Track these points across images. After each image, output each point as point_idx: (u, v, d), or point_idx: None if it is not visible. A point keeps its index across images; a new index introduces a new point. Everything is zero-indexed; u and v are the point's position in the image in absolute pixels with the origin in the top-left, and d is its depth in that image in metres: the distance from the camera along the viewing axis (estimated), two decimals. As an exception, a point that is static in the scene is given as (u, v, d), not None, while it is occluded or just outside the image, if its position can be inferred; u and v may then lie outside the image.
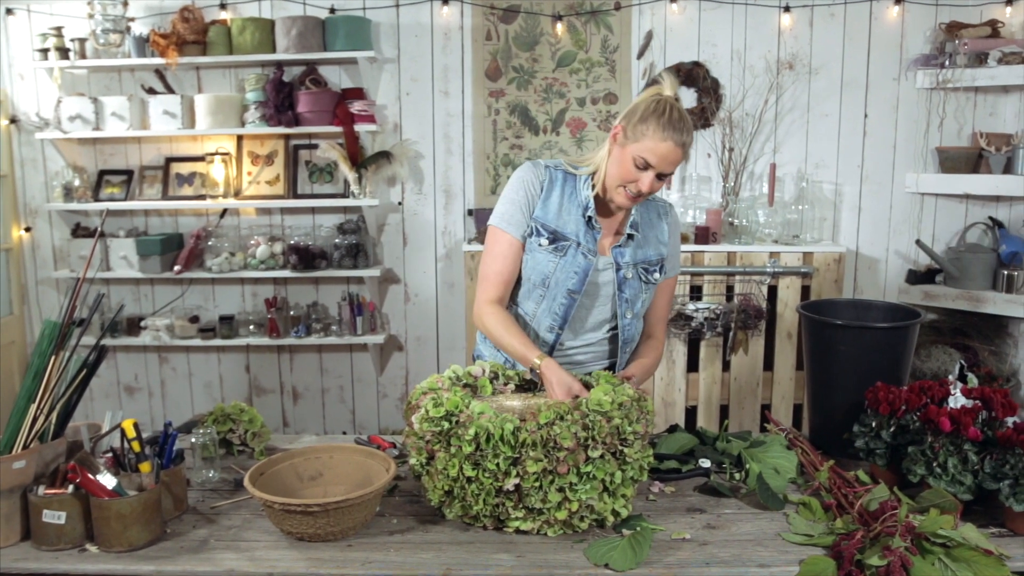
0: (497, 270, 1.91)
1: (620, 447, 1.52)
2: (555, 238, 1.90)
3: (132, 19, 3.76)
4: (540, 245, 1.90)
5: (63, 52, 3.72)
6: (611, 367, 2.03)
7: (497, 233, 1.92)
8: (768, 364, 3.67)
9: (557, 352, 1.96)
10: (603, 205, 1.93)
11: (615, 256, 1.93)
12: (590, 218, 1.90)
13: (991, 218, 3.73)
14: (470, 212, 3.90)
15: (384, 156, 3.78)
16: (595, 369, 1.92)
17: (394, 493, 1.74)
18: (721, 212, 3.68)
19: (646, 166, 1.80)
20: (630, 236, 1.94)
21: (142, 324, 3.91)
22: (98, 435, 1.68)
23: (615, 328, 1.98)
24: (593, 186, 1.91)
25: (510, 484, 1.48)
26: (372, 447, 1.83)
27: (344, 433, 4.13)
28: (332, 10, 3.77)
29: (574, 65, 3.82)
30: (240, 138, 3.91)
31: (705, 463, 1.83)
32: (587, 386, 1.70)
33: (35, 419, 1.53)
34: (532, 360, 1.76)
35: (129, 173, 3.96)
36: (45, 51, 3.72)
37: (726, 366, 3.67)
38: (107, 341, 3.82)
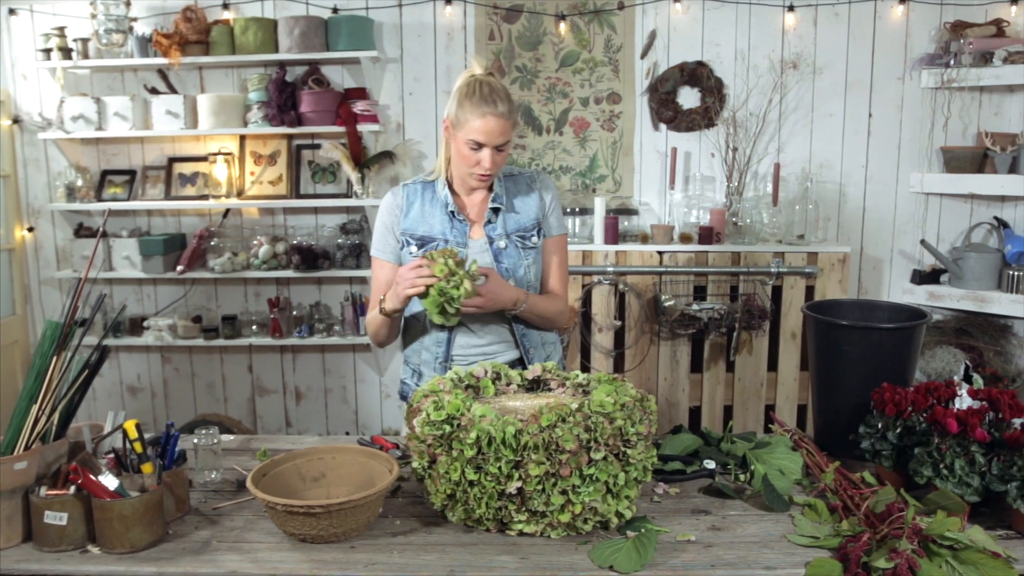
0: (377, 292, 2.05)
1: (623, 448, 1.51)
2: (423, 242, 2.03)
3: (135, 19, 3.76)
4: (411, 253, 2.02)
5: (66, 52, 3.72)
6: (521, 351, 2.10)
7: (374, 262, 2.09)
8: (772, 365, 3.66)
9: (459, 347, 2.05)
10: (464, 198, 2.06)
11: (487, 232, 2.04)
12: (452, 212, 2.02)
13: (996, 218, 3.72)
14: (473, 212, 3.89)
15: (387, 156, 3.78)
16: (508, 357, 2.06)
17: (397, 494, 1.73)
18: (725, 212, 3.66)
19: (479, 146, 1.91)
20: (495, 210, 2.04)
21: (145, 324, 3.91)
22: (100, 436, 1.67)
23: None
24: (449, 184, 2.05)
25: (512, 487, 1.47)
26: (375, 448, 1.83)
27: (347, 433, 4.13)
28: (335, 10, 3.76)
29: (577, 65, 3.81)
30: (243, 138, 3.91)
31: (710, 464, 1.82)
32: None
33: (37, 420, 1.52)
34: (381, 305, 1.95)
35: (132, 173, 3.96)
36: (48, 51, 3.72)
37: (730, 366, 3.66)
38: (110, 341, 3.82)
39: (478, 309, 1.90)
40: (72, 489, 1.49)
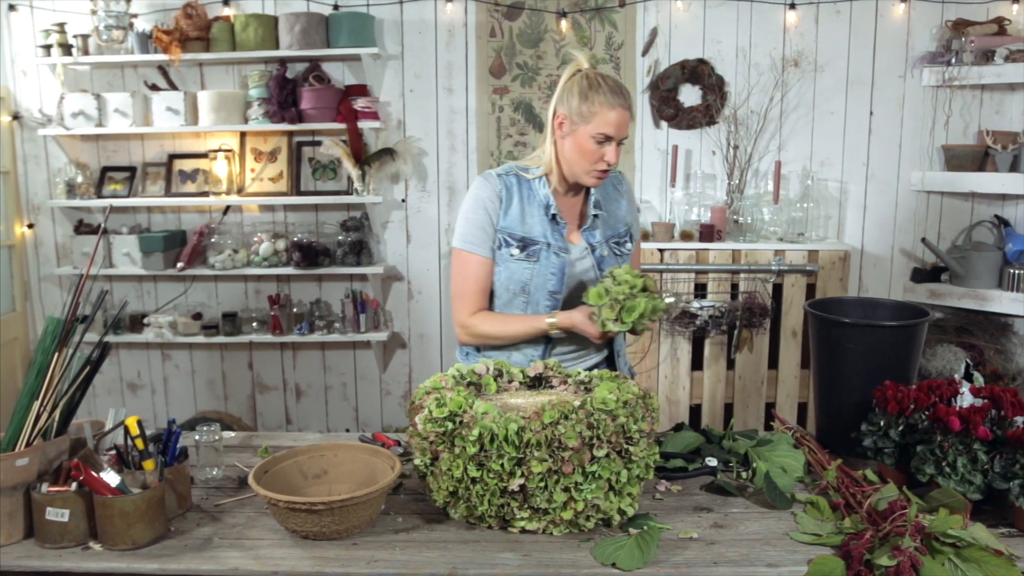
0: (471, 288, 1.95)
1: (626, 446, 1.50)
2: (525, 244, 1.92)
3: (135, 15, 3.75)
4: (512, 255, 1.92)
5: (66, 48, 3.71)
6: (610, 352, 2.10)
7: (464, 255, 1.95)
8: (773, 362, 3.66)
9: (555, 353, 2.01)
10: (560, 198, 1.97)
11: (587, 239, 1.98)
12: (554, 215, 1.94)
13: (997, 216, 3.72)
14: (474, 209, 3.89)
15: (387, 153, 3.77)
16: (595, 358, 2.04)
17: (399, 491, 1.73)
18: (726, 210, 3.66)
19: (606, 139, 1.85)
20: (595, 216, 1.99)
21: (145, 321, 3.90)
22: (102, 432, 1.67)
23: None
24: (549, 182, 1.95)
25: (515, 484, 1.47)
26: (376, 445, 1.82)
27: (347, 431, 4.13)
28: (336, 6, 3.76)
29: (578, 62, 3.80)
30: (243, 135, 3.90)
31: (712, 462, 1.82)
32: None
33: (38, 416, 1.52)
34: (543, 326, 1.88)
35: (132, 170, 3.96)
36: (48, 47, 3.71)
37: (731, 364, 3.66)
38: (110, 338, 3.81)
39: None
40: (74, 486, 1.49)
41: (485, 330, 1.95)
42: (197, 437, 1.80)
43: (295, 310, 3.92)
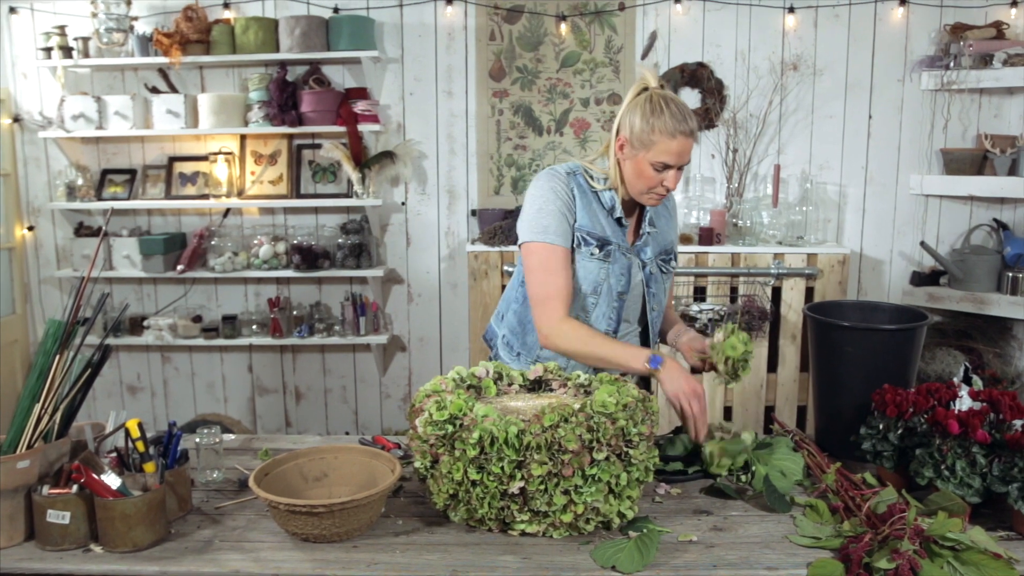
0: (560, 285, 1.83)
1: (625, 449, 1.51)
2: (602, 244, 1.88)
3: (136, 18, 3.76)
4: (592, 255, 1.87)
5: (66, 51, 3.72)
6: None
7: (546, 248, 1.84)
8: (772, 366, 3.66)
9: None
10: (624, 204, 1.93)
11: (640, 255, 1.95)
12: (619, 219, 1.91)
13: (996, 220, 3.73)
14: (473, 212, 3.90)
15: (387, 156, 3.78)
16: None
17: (399, 494, 1.73)
18: (725, 213, 3.67)
19: (665, 168, 1.81)
20: (648, 234, 1.96)
21: (145, 324, 3.90)
22: (102, 435, 1.68)
23: (642, 326, 2.02)
24: (614, 190, 1.90)
25: (515, 487, 1.47)
26: (376, 448, 1.83)
27: (347, 433, 4.13)
28: (336, 9, 3.77)
29: (578, 65, 3.81)
30: (243, 137, 3.91)
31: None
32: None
33: (39, 419, 1.52)
34: (645, 362, 1.74)
35: (132, 172, 3.96)
36: (48, 50, 3.71)
37: (730, 367, 3.66)
38: (110, 340, 3.81)
39: None
40: (74, 488, 1.49)
41: (572, 341, 1.82)
42: (197, 440, 1.80)
43: (295, 313, 3.92)
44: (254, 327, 3.91)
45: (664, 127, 1.76)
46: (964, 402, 1.72)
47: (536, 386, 1.81)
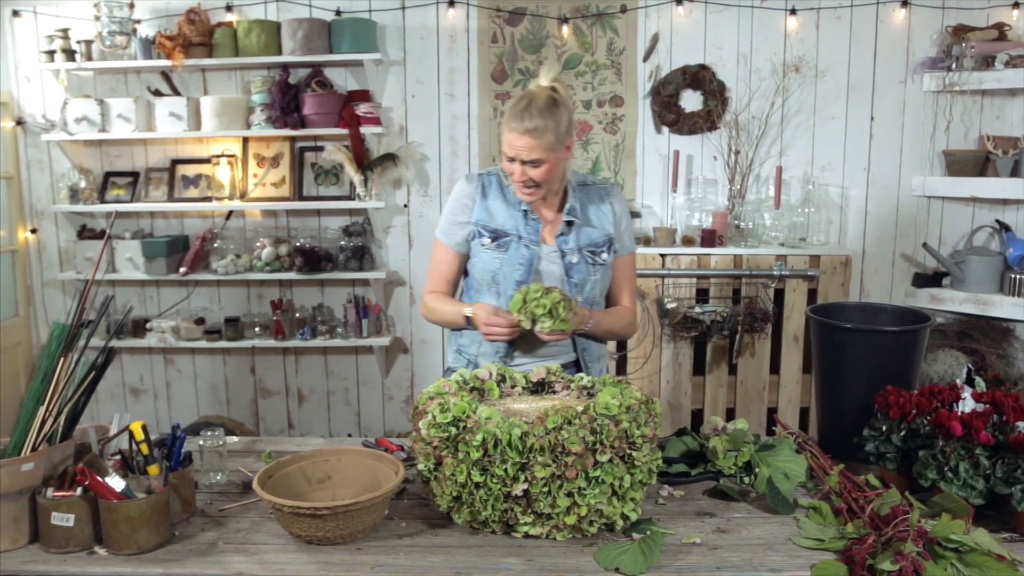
0: (437, 271, 2.12)
1: (628, 451, 1.51)
2: (496, 236, 2.02)
3: (138, 21, 3.77)
4: (483, 245, 2.03)
5: (69, 54, 3.72)
6: (577, 354, 2.13)
7: (437, 244, 2.12)
8: (775, 367, 3.66)
9: (521, 347, 2.07)
10: (538, 202, 2.04)
11: (559, 244, 2.03)
12: (526, 211, 2.02)
13: (998, 221, 3.73)
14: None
15: (390, 158, 3.78)
16: (564, 359, 2.08)
17: (403, 496, 1.73)
18: (727, 215, 3.67)
19: (512, 159, 1.93)
20: (569, 223, 2.03)
21: (148, 326, 3.91)
22: (107, 437, 1.68)
23: None
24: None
25: (518, 489, 1.47)
26: (380, 450, 1.83)
27: (349, 435, 4.13)
28: (338, 12, 3.77)
29: (580, 68, 3.81)
30: (246, 140, 3.91)
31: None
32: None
33: (44, 421, 1.53)
34: (464, 312, 2.00)
35: (135, 175, 3.97)
36: (51, 53, 3.72)
37: (732, 369, 3.66)
38: (113, 343, 3.81)
39: (561, 337, 1.93)
40: (79, 490, 1.49)
41: (429, 305, 2.12)
42: (201, 442, 1.80)
43: (297, 315, 3.93)
44: (257, 329, 3.91)
45: (506, 121, 1.91)
46: (967, 404, 1.73)
47: (539, 388, 1.81)
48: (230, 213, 3.99)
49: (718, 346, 3.63)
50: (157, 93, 3.87)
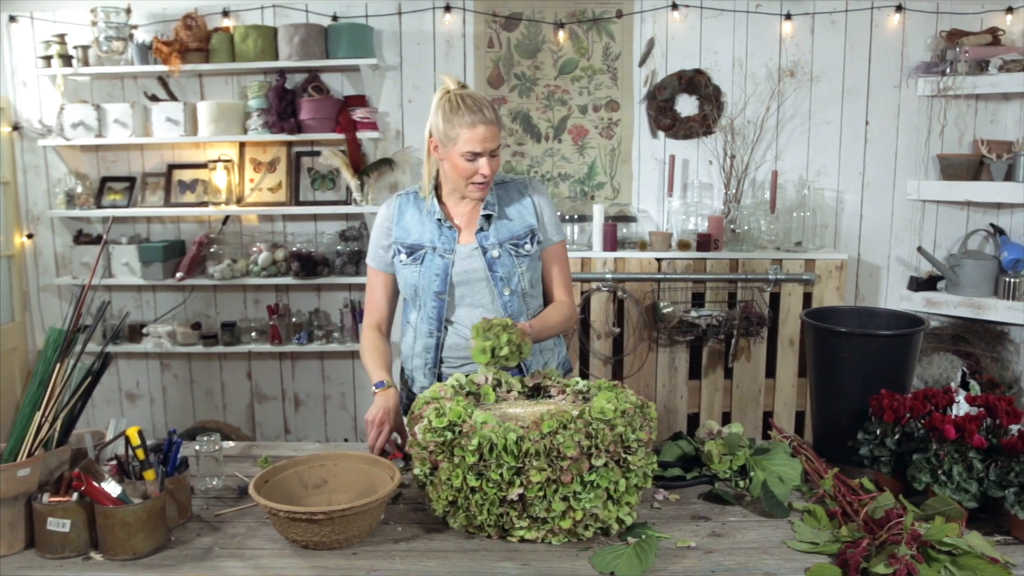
0: (370, 300, 2.17)
1: (624, 455, 1.51)
2: (412, 250, 2.06)
3: (135, 26, 3.77)
4: (402, 261, 2.08)
5: (66, 59, 3.73)
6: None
7: (368, 271, 2.17)
8: (770, 371, 3.67)
9: (449, 351, 2.09)
10: (454, 207, 2.09)
11: (479, 240, 2.06)
12: (439, 219, 2.06)
13: (992, 225, 3.74)
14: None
15: (386, 163, 3.79)
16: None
17: (399, 501, 1.74)
18: (723, 219, 3.68)
19: (475, 156, 1.95)
20: (487, 217, 2.06)
21: (144, 331, 3.91)
22: (103, 443, 1.68)
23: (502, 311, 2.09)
24: (437, 197, 2.08)
25: (514, 494, 1.48)
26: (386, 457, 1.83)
27: (346, 440, 4.13)
28: (335, 17, 3.78)
29: (576, 73, 3.83)
30: (242, 145, 3.92)
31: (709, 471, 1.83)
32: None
33: (40, 427, 1.53)
34: (373, 385, 2.03)
35: (131, 180, 3.97)
36: (48, 58, 3.73)
37: (728, 373, 3.67)
38: (109, 348, 3.81)
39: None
40: (75, 496, 1.50)
41: (362, 345, 2.16)
42: (197, 447, 1.80)
43: (294, 320, 3.93)
44: (253, 334, 3.91)
45: (461, 119, 1.93)
46: (961, 407, 1.73)
47: (535, 393, 1.82)
48: (226, 218, 3.99)
49: (714, 350, 3.64)
50: (154, 98, 3.88)
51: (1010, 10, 3.64)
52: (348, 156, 3.75)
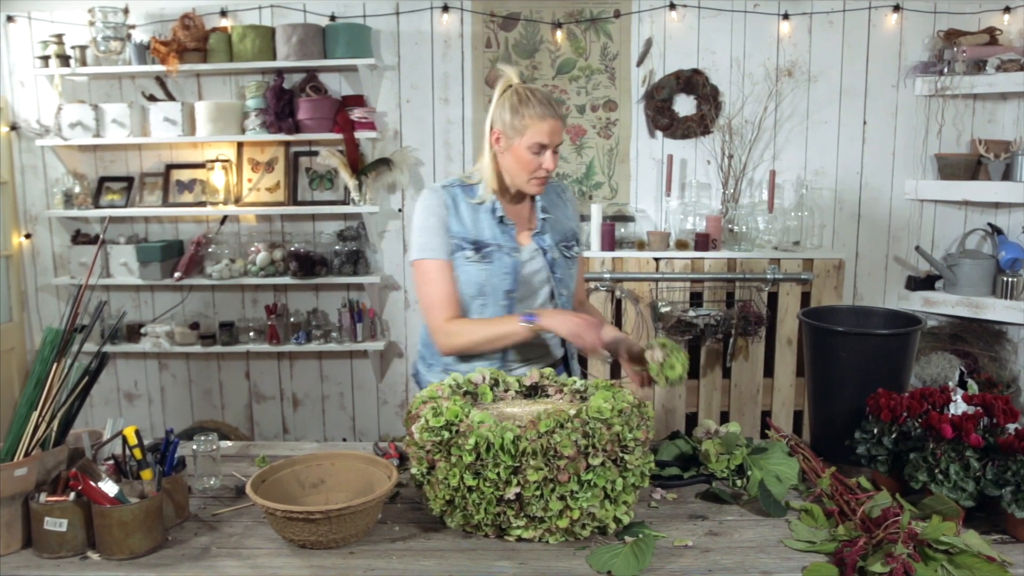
0: (442, 293, 1.99)
1: (621, 454, 1.51)
2: (478, 247, 2.00)
3: (133, 26, 3.77)
4: (467, 258, 1.99)
5: (64, 59, 3.73)
6: (564, 347, 2.20)
7: (425, 264, 2.01)
8: (768, 371, 3.67)
9: (512, 352, 2.08)
10: (506, 205, 2.05)
11: (538, 243, 2.06)
12: (501, 218, 2.02)
13: (990, 224, 3.75)
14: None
15: (384, 163, 3.79)
16: (547, 359, 2.13)
17: (396, 500, 1.74)
18: (721, 219, 3.68)
19: (542, 149, 1.95)
20: (544, 220, 2.07)
21: (142, 331, 3.91)
22: (100, 442, 1.68)
23: None
24: (493, 190, 2.03)
25: (511, 493, 1.48)
26: (381, 456, 1.83)
27: (344, 440, 4.13)
28: (332, 17, 3.78)
29: (574, 72, 3.83)
30: (240, 145, 3.92)
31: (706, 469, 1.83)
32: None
33: (37, 426, 1.53)
34: (520, 324, 1.90)
35: (129, 180, 3.97)
36: (46, 58, 3.72)
37: (726, 373, 3.68)
38: (107, 348, 3.80)
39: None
40: (72, 495, 1.49)
41: (463, 335, 1.97)
42: (195, 447, 1.80)
43: (292, 320, 3.93)
44: (251, 334, 3.91)
45: (534, 112, 1.93)
46: (958, 406, 1.73)
47: (532, 392, 1.81)
48: (224, 218, 3.99)
49: (712, 349, 3.64)
50: (152, 98, 3.88)
51: (1007, 10, 3.64)
52: (346, 156, 3.75)
